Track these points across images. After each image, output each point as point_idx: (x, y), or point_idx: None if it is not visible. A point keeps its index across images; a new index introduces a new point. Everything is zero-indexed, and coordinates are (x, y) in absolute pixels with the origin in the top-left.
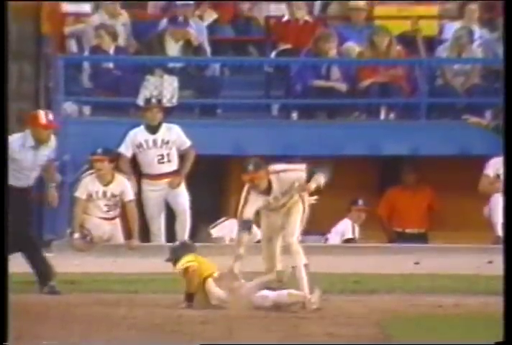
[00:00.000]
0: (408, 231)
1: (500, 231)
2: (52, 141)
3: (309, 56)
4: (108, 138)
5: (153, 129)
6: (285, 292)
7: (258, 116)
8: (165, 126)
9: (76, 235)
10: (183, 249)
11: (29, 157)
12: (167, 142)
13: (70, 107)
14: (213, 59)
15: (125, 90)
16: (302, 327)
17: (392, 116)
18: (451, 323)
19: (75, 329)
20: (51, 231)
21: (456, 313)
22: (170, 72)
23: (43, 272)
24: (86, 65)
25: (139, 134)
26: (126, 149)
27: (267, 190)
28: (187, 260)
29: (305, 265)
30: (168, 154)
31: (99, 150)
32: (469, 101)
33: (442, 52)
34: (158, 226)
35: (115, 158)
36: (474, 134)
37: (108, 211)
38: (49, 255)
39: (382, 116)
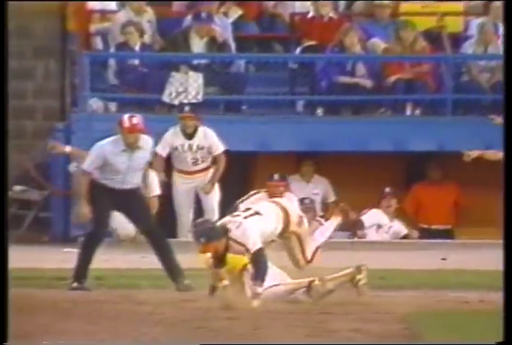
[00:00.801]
0: (434, 227)
1: None
2: (148, 143)
3: (334, 52)
4: None
5: (189, 135)
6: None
7: (283, 112)
8: (201, 130)
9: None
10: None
11: (123, 160)
12: (202, 148)
13: (95, 103)
14: (238, 55)
15: (150, 87)
16: (328, 323)
17: (417, 112)
18: (477, 318)
19: (102, 325)
20: (77, 227)
21: (482, 308)
22: (195, 68)
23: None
24: (112, 61)
25: (175, 137)
26: (162, 150)
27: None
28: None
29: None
30: (202, 157)
31: None
32: (494, 97)
33: (468, 48)
34: (187, 219)
35: None
36: (500, 129)
37: None
38: (75, 251)
39: (408, 112)
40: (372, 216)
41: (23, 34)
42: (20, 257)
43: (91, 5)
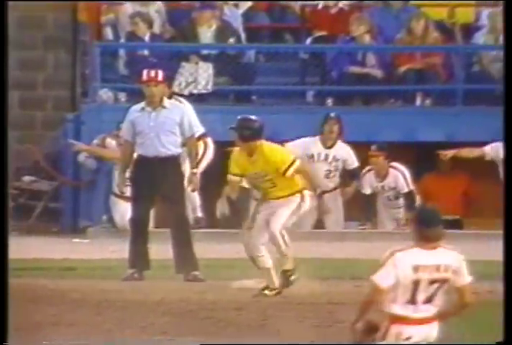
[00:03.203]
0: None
1: None
2: (177, 106)
3: (345, 43)
4: None
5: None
6: None
7: (293, 102)
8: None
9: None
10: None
11: (144, 119)
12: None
13: (105, 94)
14: (249, 46)
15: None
16: (337, 313)
17: (428, 102)
18: (486, 309)
19: (110, 315)
20: (86, 218)
21: (491, 299)
22: (205, 59)
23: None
24: (122, 52)
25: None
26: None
27: None
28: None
29: None
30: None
31: (121, 125)
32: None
33: (479, 38)
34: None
35: None
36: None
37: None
38: (84, 241)
39: (418, 102)
40: (300, 145)
41: (34, 24)
42: (29, 248)
43: None
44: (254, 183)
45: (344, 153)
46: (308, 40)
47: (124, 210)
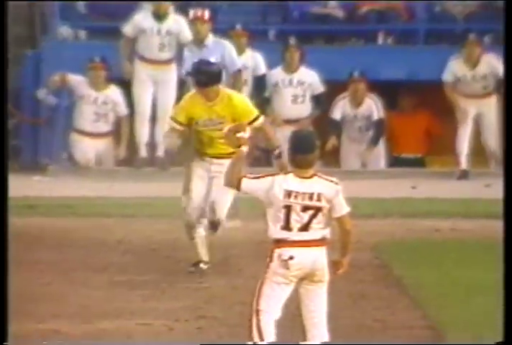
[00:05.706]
0: (404, 155)
1: (464, 163)
2: (218, 42)
3: None
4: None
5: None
6: None
7: (255, 41)
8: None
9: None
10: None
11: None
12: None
13: (65, 31)
14: None
15: (120, 15)
16: None
17: (389, 41)
18: (448, 247)
19: (71, 254)
20: (46, 156)
21: (453, 237)
22: None
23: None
24: None
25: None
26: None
27: None
28: None
29: None
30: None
31: (97, 58)
32: (466, 27)
33: None
34: (143, 110)
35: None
36: None
37: (95, 122)
38: (45, 179)
39: (380, 41)
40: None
41: None
42: None
43: None
44: (201, 132)
45: (309, 77)
46: None
47: (85, 147)
